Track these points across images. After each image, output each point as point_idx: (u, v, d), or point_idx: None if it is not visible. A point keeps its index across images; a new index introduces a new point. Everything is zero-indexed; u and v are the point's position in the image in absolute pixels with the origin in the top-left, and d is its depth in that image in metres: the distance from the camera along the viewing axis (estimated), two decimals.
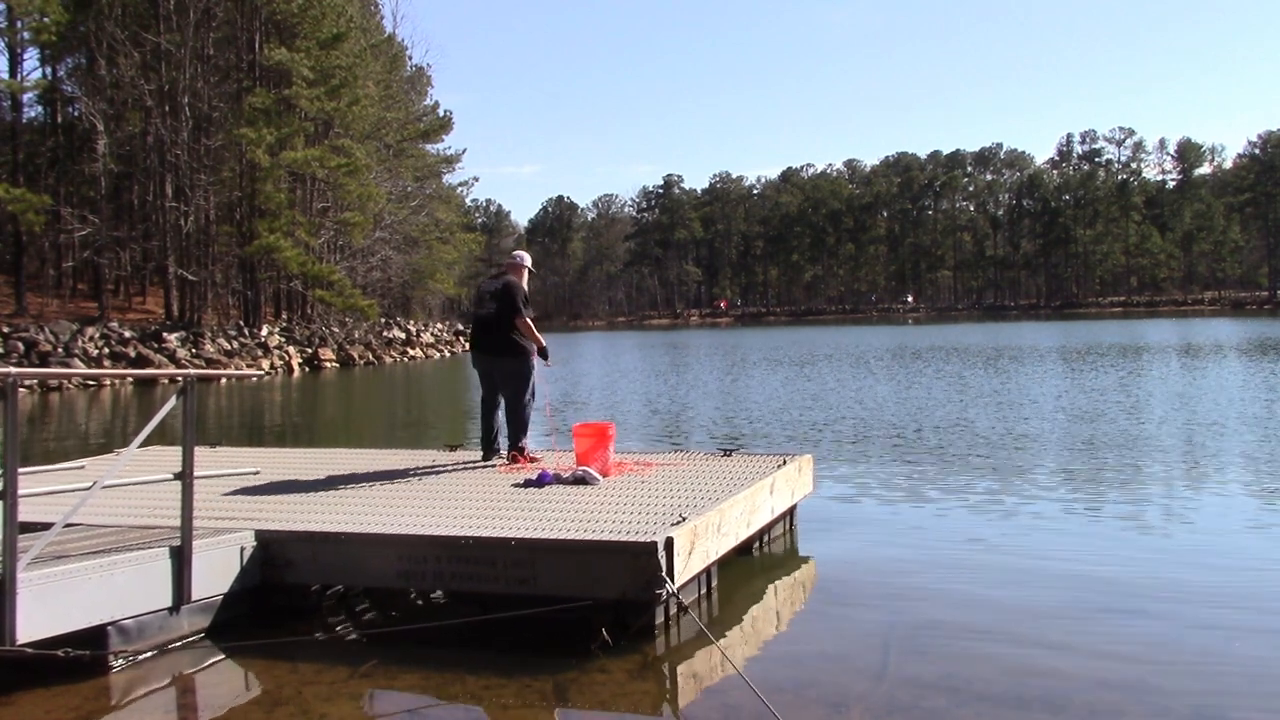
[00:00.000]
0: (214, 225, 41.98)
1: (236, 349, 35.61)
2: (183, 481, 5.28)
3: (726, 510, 6.19)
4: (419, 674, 4.89)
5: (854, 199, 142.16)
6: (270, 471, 7.74)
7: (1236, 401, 17.00)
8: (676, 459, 8.30)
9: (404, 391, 28.79)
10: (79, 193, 42.47)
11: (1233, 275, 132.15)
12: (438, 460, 8.42)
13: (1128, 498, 9.10)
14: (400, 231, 54.01)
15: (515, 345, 8.12)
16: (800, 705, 4.40)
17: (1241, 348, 34.06)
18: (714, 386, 23.83)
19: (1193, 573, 6.65)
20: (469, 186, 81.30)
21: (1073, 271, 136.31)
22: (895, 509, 8.86)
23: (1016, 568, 6.82)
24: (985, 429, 14.16)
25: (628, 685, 4.75)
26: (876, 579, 6.65)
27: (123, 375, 32.83)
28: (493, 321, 8.17)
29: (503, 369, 8.22)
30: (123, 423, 19.33)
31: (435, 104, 65.56)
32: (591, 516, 5.97)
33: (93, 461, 8.29)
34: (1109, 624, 5.57)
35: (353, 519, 6.07)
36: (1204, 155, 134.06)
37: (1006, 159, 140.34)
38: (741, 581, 6.54)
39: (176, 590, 5.27)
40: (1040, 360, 30.21)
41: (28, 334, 30.79)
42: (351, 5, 46.10)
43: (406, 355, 45.86)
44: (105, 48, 38.59)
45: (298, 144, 39.94)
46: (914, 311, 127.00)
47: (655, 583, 5.17)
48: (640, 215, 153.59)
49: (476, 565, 5.47)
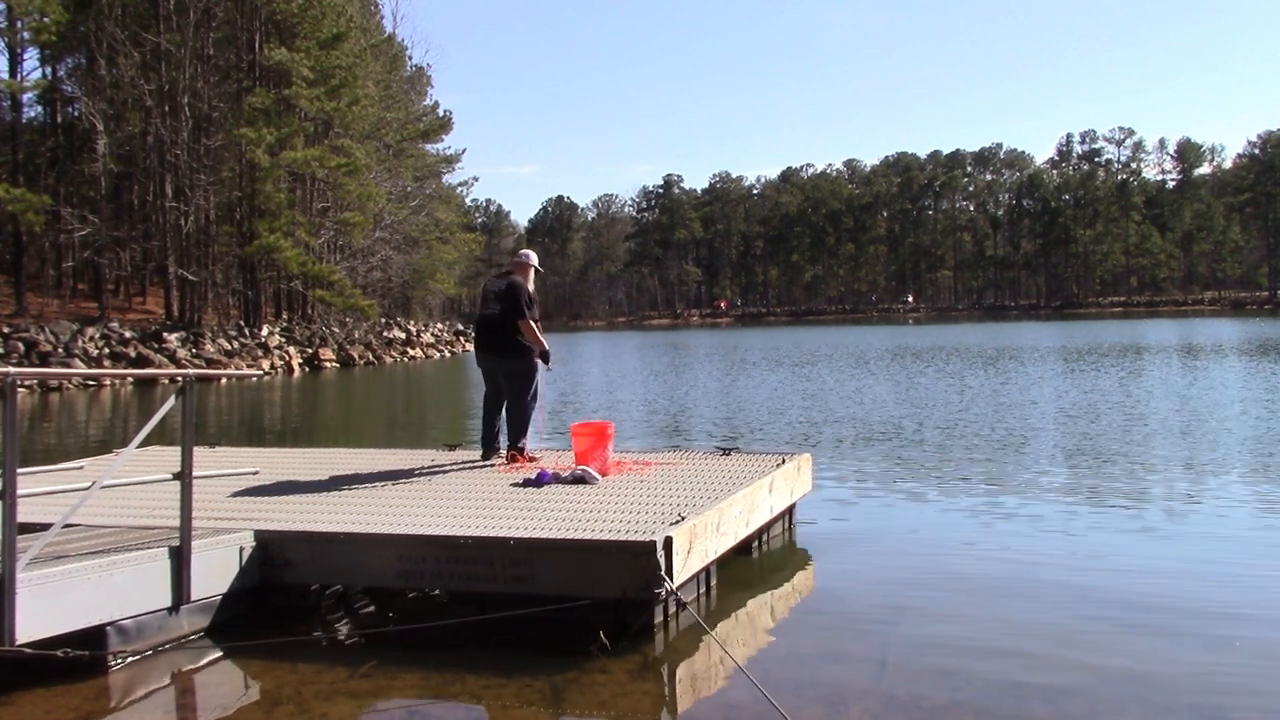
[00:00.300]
0: (214, 225, 41.99)
1: (236, 349, 35.61)
2: (182, 481, 5.28)
3: (725, 509, 6.19)
4: (418, 674, 4.89)
5: (854, 199, 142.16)
6: (270, 471, 7.74)
7: (1237, 402, 17.00)
8: (675, 458, 8.29)
9: (404, 391, 28.79)
10: (79, 193, 42.48)
11: (1233, 275, 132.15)
12: (437, 460, 8.42)
13: (1128, 499, 9.09)
14: (400, 231, 54.02)
15: (518, 345, 8.13)
16: (799, 704, 4.40)
17: (1242, 348, 34.05)
18: (713, 386, 23.83)
19: (1193, 574, 6.64)
20: (469, 186, 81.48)
21: (1073, 271, 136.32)
22: (894, 508, 8.87)
23: (1016, 567, 6.81)
24: (985, 429, 14.16)
25: (628, 685, 4.75)
26: (875, 578, 6.65)
27: (123, 375, 32.82)
28: (496, 322, 8.18)
29: (505, 369, 8.24)
30: (122, 423, 19.33)
31: (435, 104, 65.70)
32: (590, 516, 5.97)
33: (92, 461, 8.29)
34: (1109, 624, 5.56)
35: (352, 519, 6.07)
36: (1204, 155, 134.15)
37: (1006, 159, 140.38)
38: (740, 581, 6.54)
39: (176, 590, 5.27)
40: (1040, 361, 30.21)
41: (28, 334, 30.79)
42: (351, 5, 46.11)
43: (406, 355, 45.86)
44: (105, 48, 38.60)
45: (298, 144, 39.94)
46: (914, 311, 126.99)
47: (654, 582, 5.17)
48: (640, 215, 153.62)
49: (476, 565, 5.47)
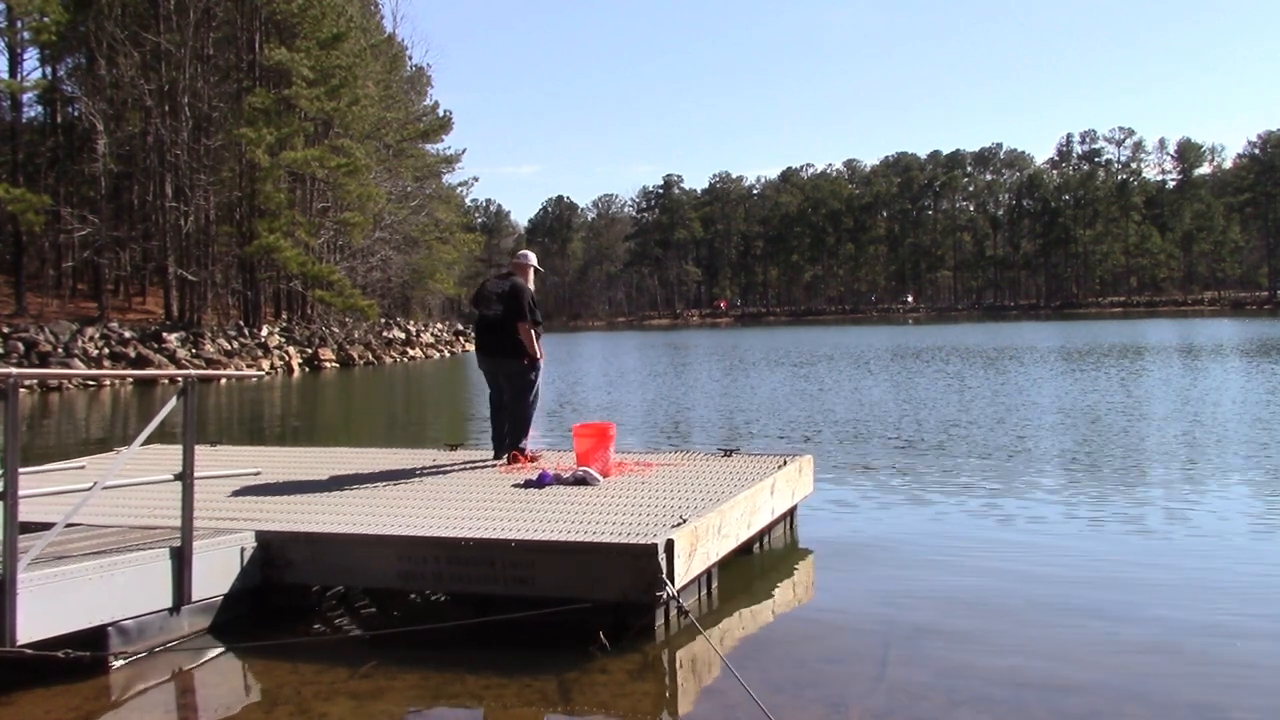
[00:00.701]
0: (214, 225, 41.97)
1: (236, 349, 35.60)
2: (183, 482, 5.28)
3: (727, 511, 6.19)
4: (419, 674, 4.90)
5: (854, 199, 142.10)
6: (270, 471, 7.74)
7: (1237, 402, 17.00)
8: (677, 459, 8.29)
9: (404, 391, 28.79)
10: (79, 193, 42.45)
11: (1233, 275, 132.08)
12: (438, 460, 8.42)
13: (1128, 499, 9.10)
14: (400, 231, 54.00)
15: (519, 346, 8.13)
16: (799, 706, 4.40)
17: (1242, 349, 34.04)
18: (714, 387, 23.82)
19: (1193, 574, 6.65)
20: (469, 186, 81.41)
21: (1073, 271, 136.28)
22: (895, 510, 8.87)
23: (1016, 569, 6.82)
24: (985, 430, 14.16)
25: (628, 686, 4.75)
26: (876, 580, 6.65)
27: (123, 375, 32.81)
28: (497, 323, 8.19)
29: (505, 369, 8.25)
30: (123, 423, 19.34)
31: (435, 104, 65.63)
32: (592, 518, 5.97)
33: (93, 461, 8.29)
34: (1109, 625, 5.56)
35: (353, 519, 6.07)
36: (1204, 155, 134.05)
37: (1006, 159, 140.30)
38: (742, 582, 6.54)
39: (177, 591, 5.27)
40: (1041, 361, 30.20)
41: (28, 334, 30.78)
42: (351, 5, 46.11)
43: (406, 355, 45.84)
44: (105, 48, 38.58)
45: (298, 144, 39.92)
46: (914, 311, 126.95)
47: (655, 585, 5.16)
48: (640, 215, 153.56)
49: (476, 566, 5.47)
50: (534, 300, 8.25)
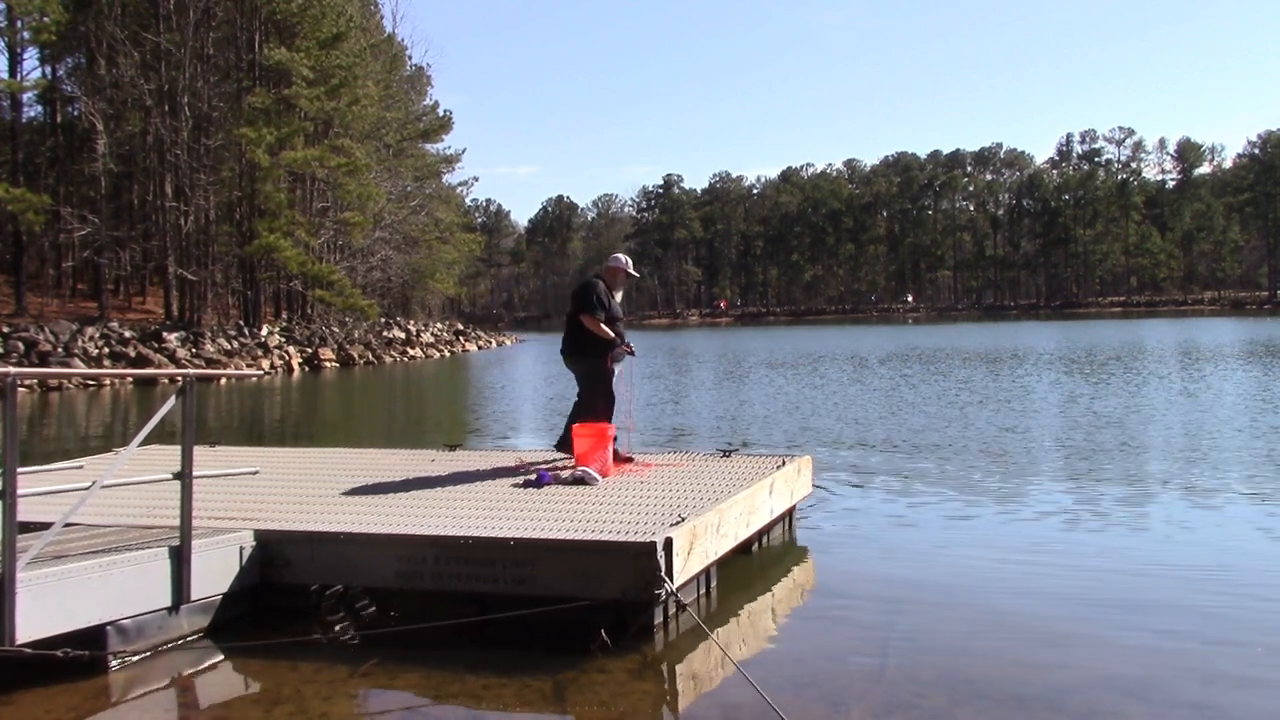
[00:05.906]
0: (214, 225, 41.96)
1: (236, 349, 35.59)
2: (182, 481, 5.27)
3: (726, 511, 6.19)
4: (418, 674, 4.89)
5: (854, 199, 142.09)
6: (270, 471, 7.74)
7: (1238, 402, 16.99)
8: (676, 459, 8.30)
9: (404, 391, 28.78)
10: (79, 193, 42.46)
11: (1232, 275, 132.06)
12: (438, 460, 8.43)
13: (1129, 499, 9.09)
14: (400, 231, 54.00)
15: (585, 346, 8.16)
16: (799, 705, 4.40)
17: (1242, 349, 34.02)
18: (713, 387, 23.81)
19: (1193, 574, 6.64)
20: (468, 186, 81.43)
21: (1072, 271, 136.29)
22: (894, 509, 8.86)
23: (1016, 568, 6.82)
24: (985, 430, 14.16)
25: (627, 685, 4.75)
26: (875, 579, 6.65)
27: (123, 375, 32.82)
28: (569, 320, 8.29)
29: (576, 369, 8.32)
30: (122, 423, 19.32)
31: (435, 104, 65.66)
32: (591, 517, 5.97)
33: (92, 461, 8.29)
34: (1109, 625, 5.56)
35: (352, 519, 6.07)
36: (1204, 155, 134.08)
37: (1006, 159, 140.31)
38: (741, 582, 6.54)
39: (176, 590, 5.27)
40: (1040, 361, 30.19)
41: (28, 334, 30.77)
42: (351, 5, 46.09)
43: (406, 355, 45.82)
44: (105, 47, 38.60)
45: (298, 144, 39.92)
46: (914, 311, 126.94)
47: (654, 583, 5.17)
48: (640, 215, 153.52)
49: (476, 565, 5.47)
50: (600, 298, 8.14)
